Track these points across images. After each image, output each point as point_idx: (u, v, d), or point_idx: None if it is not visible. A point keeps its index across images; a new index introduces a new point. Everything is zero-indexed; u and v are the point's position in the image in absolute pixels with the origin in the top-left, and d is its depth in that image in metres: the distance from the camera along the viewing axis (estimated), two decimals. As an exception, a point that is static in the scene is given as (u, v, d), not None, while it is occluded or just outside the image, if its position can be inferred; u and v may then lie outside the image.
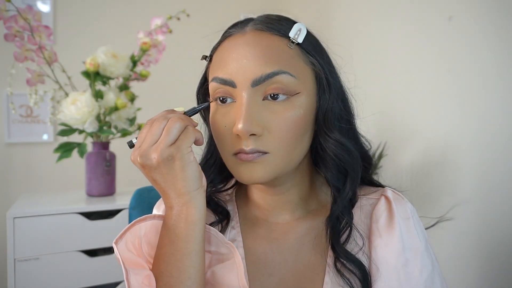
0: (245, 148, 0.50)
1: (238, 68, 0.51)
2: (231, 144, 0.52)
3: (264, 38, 0.52)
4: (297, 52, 0.53)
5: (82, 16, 1.87)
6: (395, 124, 1.51)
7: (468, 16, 1.22)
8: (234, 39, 0.53)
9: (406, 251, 0.55)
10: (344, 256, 0.54)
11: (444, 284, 0.57)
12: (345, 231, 0.55)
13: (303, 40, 0.53)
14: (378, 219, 0.57)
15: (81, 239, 1.26)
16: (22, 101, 1.70)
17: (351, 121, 0.58)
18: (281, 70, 0.50)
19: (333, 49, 0.59)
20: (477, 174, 1.19)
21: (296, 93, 0.51)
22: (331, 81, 0.54)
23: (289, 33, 0.53)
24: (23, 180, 1.78)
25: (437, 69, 1.33)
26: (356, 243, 0.55)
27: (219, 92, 0.53)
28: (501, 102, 1.13)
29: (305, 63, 0.53)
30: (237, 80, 0.51)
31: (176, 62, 1.85)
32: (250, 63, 0.50)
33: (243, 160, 0.51)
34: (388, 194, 0.59)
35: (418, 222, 0.59)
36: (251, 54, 0.50)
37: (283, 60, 0.51)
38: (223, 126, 0.52)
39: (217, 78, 0.52)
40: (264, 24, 0.53)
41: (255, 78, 0.50)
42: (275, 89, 0.50)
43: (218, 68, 0.53)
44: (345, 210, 0.56)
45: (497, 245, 1.13)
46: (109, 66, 1.32)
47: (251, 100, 0.50)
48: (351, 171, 0.56)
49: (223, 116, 0.53)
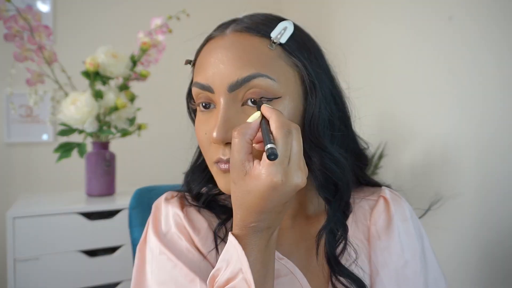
0: (223, 157, 0.49)
1: (215, 73, 0.49)
2: (211, 152, 0.51)
3: (243, 40, 0.50)
4: (278, 53, 0.50)
5: (82, 16, 1.86)
6: (395, 124, 1.51)
7: (468, 16, 1.22)
8: (214, 42, 0.52)
9: (405, 253, 0.54)
10: (339, 270, 0.52)
11: (445, 283, 0.57)
12: (340, 243, 0.54)
13: (287, 40, 0.50)
14: (376, 221, 0.57)
15: (81, 239, 1.26)
16: (22, 101, 1.70)
17: (346, 124, 0.56)
18: (259, 73, 0.47)
19: (333, 49, 0.58)
20: (477, 174, 1.19)
21: (277, 97, 0.48)
22: (317, 84, 0.51)
23: (271, 33, 0.50)
24: (23, 180, 1.78)
25: (437, 69, 1.33)
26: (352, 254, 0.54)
27: (200, 98, 0.51)
28: (501, 102, 1.13)
29: (288, 64, 0.50)
30: (214, 86, 0.49)
31: (176, 62, 1.85)
32: (227, 68, 0.48)
33: (222, 169, 0.49)
34: (386, 194, 0.59)
35: (417, 222, 0.59)
36: (228, 58, 0.49)
37: (261, 63, 0.48)
38: (204, 133, 0.51)
39: (196, 83, 0.51)
40: (245, 25, 0.51)
41: (231, 82, 0.48)
42: (253, 93, 0.48)
43: (198, 72, 0.52)
44: (339, 222, 0.54)
45: (496, 245, 1.13)
46: (109, 66, 1.32)
47: (228, 106, 0.48)
48: (340, 182, 0.53)
49: (203, 123, 0.51)
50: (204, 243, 0.54)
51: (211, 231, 0.56)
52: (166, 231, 0.56)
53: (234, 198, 0.44)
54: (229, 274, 0.43)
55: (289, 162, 0.41)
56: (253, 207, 0.42)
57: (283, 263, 0.51)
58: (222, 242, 0.55)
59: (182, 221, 0.56)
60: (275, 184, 0.40)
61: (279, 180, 0.40)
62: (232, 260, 0.43)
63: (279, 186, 0.40)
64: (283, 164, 0.40)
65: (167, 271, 0.51)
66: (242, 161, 0.42)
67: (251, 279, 0.41)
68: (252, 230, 0.44)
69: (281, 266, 0.50)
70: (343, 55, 0.62)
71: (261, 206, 0.42)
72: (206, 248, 0.54)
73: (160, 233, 0.56)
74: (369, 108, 0.67)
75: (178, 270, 0.51)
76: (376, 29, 1.61)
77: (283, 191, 0.41)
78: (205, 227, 0.56)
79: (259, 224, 0.43)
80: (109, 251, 1.30)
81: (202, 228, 0.56)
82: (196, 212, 0.58)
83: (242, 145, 0.43)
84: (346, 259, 0.54)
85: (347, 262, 0.53)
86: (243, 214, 0.43)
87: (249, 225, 0.44)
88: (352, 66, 0.67)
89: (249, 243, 0.44)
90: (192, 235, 0.55)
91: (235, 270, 0.43)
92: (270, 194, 0.41)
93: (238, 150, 0.43)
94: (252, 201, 0.42)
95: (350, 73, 0.60)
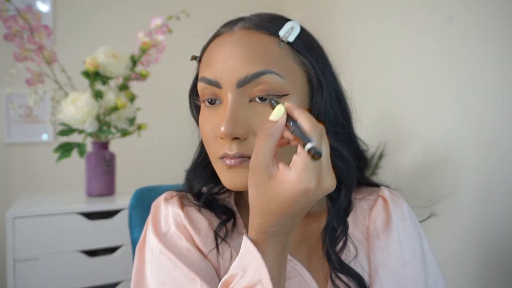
0: (229, 152, 0.48)
1: (224, 69, 0.49)
2: (216, 148, 0.50)
3: (252, 37, 0.50)
4: (286, 51, 0.50)
5: (82, 16, 1.86)
6: (395, 124, 1.51)
7: (468, 16, 1.22)
8: (222, 39, 0.52)
9: (404, 252, 0.55)
10: (339, 267, 0.52)
11: (444, 283, 0.57)
12: (340, 240, 0.54)
13: (294, 39, 0.51)
14: (375, 220, 0.57)
15: (81, 239, 1.26)
16: (21, 101, 1.70)
17: (348, 124, 0.56)
18: (268, 70, 0.48)
19: (333, 49, 0.58)
20: (477, 174, 1.19)
21: (284, 94, 0.49)
22: (323, 82, 0.52)
23: (279, 31, 0.51)
24: (23, 180, 1.78)
25: (437, 69, 1.33)
26: (352, 250, 0.54)
27: (207, 94, 0.51)
28: (501, 102, 1.13)
29: (296, 63, 0.51)
30: (222, 81, 0.49)
31: (176, 62, 1.85)
32: (236, 63, 0.48)
33: (228, 165, 0.49)
34: (385, 194, 0.59)
35: (415, 221, 0.59)
36: (237, 54, 0.49)
37: (270, 60, 0.49)
38: (209, 128, 0.51)
39: (203, 78, 0.51)
40: (254, 23, 0.52)
41: (240, 78, 0.48)
42: (262, 90, 0.48)
43: (205, 68, 0.52)
44: (340, 220, 0.55)
45: (497, 245, 1.13)
46: (109, 66, 1.32)
47: (236, 101, 0.48)
48: (345, 179, 0.54)
49: (209, 119, 0.51)
50: (205, 242, 0.54)
51: (212, 230, 0.56)
52: (166, 231, 0.55)
53: (254, 202, 0.42)
54: (246, 284, 0.41)
55: (321, 166, 0.39)
56: (278, 212, 0.40)
57: (292, 265, 0.50)
58: (222, 241, 0.55)
59: (182, 220, 0.56)
60: (308, 190, 0.38)
61: (313, 186, 0.38)
62: (249, 268, 0.42)
63: (311, 192, 0.39)
64: (316, 170, 0.39)
65: (167, 272, 0.51)
66: (267, 164, 0.40)
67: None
68: (272, 235, 0.42)
69: (290, 268, 0.50)
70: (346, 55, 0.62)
71: (287, 211, 0.40)
72: (207, 248, 0.54)
73: (160, 233, 0.55)
74: (369, 108, 0.67)
75: (178, 270, 0.50)
76: (376, 29, 1.61)
77: (313, 196, 0.39)
78: (205, 226, 0.56)
79: (280, 229, 0.42)
80: (109, 251, 1.30)
81: (203, 227, 0.56)
82: (197, 211, 0.58)
83: (269, 147, 0.40)
84: (346, 256, 0.54)
85: (347, 259, 0.54)
86: (265, 219, 0.41)
87: (269, 229, 0.42)
88: (352, 66, 0.67)
89: (267, 249, 0.42)
90: (192, 235, 0.55)
91: (253, 280, 0.41)
92: (300, 199, 0.39)
93: (264, 154, 0.40)
94: (278, 206, 0.40)
95: (350, 73, 0.60)
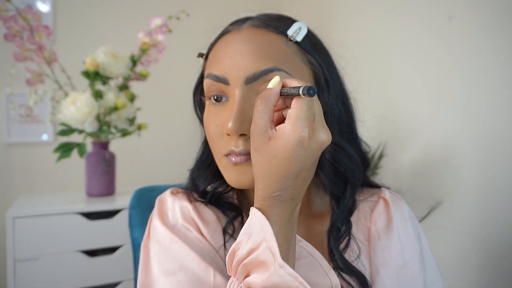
0: (235, 149, 0.48)
1: (232, 65, 0.49)
2: (222, 145, 0.50)
3: (260, 35, 0.51)
4: (294, 50, 0.51)
5: (82, 16, 1.86)
6: (395, 124, 1.51)
7: (468, 16, 1.22)
8: (230, 36, 0.52)
9: (404, 253, 0.55)
10: (343, 266, 0.52)
11: (443, 284, 0.57)
12: (343, 239, 0.54)
13: (302, 39, 0.51)
14: (376, 221, 0.57)
15: (81, 239, 1.26)
16: (21, 101, 1.70)
17: (351, 124, 0.57)
18: (276, 67, 0.48)
19: (333, 50, 0.58)
20: (478, 174, 1.19)
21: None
22: (330, 82, 0.52)
23: (287, 31, 0.51)
24: (23, 180, 1.78)
25: (438, 69, 1.33)
26: (355, 250, 0.54)
27: (213, 90, 0.51)
28: (502, 102, 1.13)
29: (303, 62, 0.52)
30: (230, 77, 0.49)
31: (176, 62, 1.85)
32: (244, 60, 0.48)
33: (234, 162, 0.49)
34: (385, 196, 0.59)
35: (415, 223, 0.60)
36: (246, 51, 0.49)
37: (279, 57, 0.49)
38: (215, 125, 0.51)
39: (210, 74, 0.51)
40: (262, 21, 0.52)
41: (249, 75, 0.48)
42: None
43: (212, 64, 0.52)
44: (344, 219, 0.55)
45: (497, 246, 1.13)
46: (109, 66, 1.32)
47: (244, 98, 0.48)
48: (351, 177, 0.54)
49: (215, 115, 0.51)
50: (213, 235, 0.54)
51: (219, 224, 0.55)
52: (174, 223, 0.55)
53: (257, 167, 0.43)
54: (251, 244, 0.41)
55: (314, 119, 0.41)
56: (279, 172, 0.41)
57: (301, 246, 0.50)
58: (231, 238, 0.54)
59: (190, 213, 0.55)
60: (302, 138, 0.39)
61: (306, 134, 0.39)
62: (254, 231, 0.41)
63: (305, 141, 0.40)
64: (309, 120, 0.40)
65: (179, 261, 0.50)
66: (265, 128, 0.42)
67: (275, 247, 0.39)
68: (276, 200, 0.42)
69: (300, 248, 0.49)
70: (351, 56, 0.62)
71: (288, 168, 0.41)
72: (215, 241, 0.54)
73: (168, 224, 0.55)
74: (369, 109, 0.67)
75: (190, 259, 0.50)
76: (376, 30, 1.61)
77: (309, 149, 0.40)
78: (213, 219, 0.56)
79: (283, 193, 0.42)
80: (109, 251, 1.30)
81: (211, 220, 0.55)
82: (204, 205, 0.58)
83: (266, 111, 0.42)
84: (349, 255, 0.54)
85: (349, 258, 0.54)
86: (267, 183, 0.42)
87: (273, 194, 0.42)
88: (352, 66, 0.67)
89: (272, 215, 0.42)
90: (201, 227, 0.54)
91: (258, 240, 0.40)
92: (296, 151, 0.40)
93: (262, 117, 0.42)
94: (278, 164, 0.41)
95: (350, 74, 0.61)
